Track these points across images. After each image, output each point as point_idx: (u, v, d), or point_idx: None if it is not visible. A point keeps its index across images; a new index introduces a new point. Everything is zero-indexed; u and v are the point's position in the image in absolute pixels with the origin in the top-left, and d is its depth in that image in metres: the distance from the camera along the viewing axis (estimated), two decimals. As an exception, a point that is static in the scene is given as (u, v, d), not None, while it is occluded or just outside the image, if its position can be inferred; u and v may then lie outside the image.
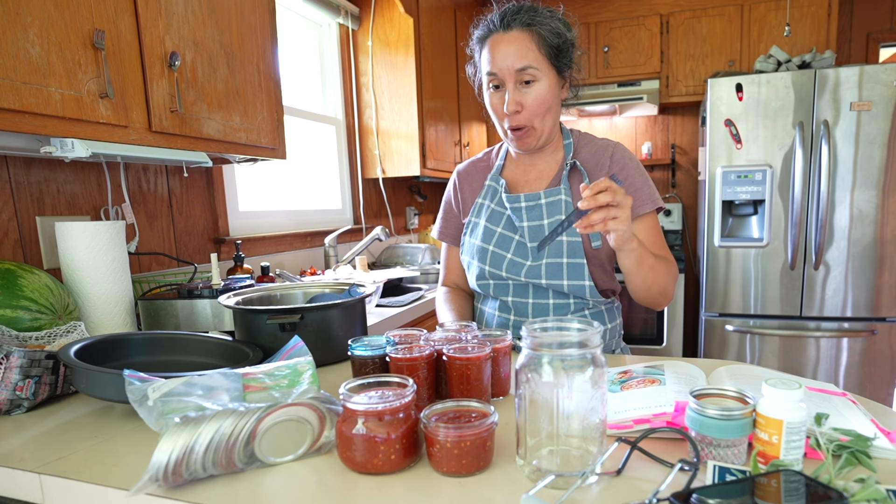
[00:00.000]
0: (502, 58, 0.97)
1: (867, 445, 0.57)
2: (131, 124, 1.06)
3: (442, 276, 1.27)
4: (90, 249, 1.07)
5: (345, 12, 2.36)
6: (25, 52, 0.87)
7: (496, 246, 1.08)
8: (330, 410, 0.65)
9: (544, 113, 1.00)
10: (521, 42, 0.96)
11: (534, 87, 0.98)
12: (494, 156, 1.18)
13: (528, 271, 1.04)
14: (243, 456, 0.60)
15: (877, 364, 2.42)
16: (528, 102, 0.98)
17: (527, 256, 1.05)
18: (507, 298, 1.08)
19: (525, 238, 1.06)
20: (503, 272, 1.06)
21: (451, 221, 1.22)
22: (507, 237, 1.08)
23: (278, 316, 0.93)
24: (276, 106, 1.48)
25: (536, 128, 1.02)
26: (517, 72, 0.97)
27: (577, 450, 0.57)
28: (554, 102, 1.01)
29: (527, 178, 1.11)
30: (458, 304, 1.18)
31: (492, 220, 1.10)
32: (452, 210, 1.21)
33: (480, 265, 1.09)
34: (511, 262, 1.06)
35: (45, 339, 0.94)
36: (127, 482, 0.59)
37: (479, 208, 1.13)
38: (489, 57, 0.99)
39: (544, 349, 0.55)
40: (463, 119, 2.99)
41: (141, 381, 0.64)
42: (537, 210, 1.05)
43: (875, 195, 2.32)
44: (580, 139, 1.10)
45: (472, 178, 1.18)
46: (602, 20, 3.12)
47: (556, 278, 1.02)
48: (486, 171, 1.17)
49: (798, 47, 2.80)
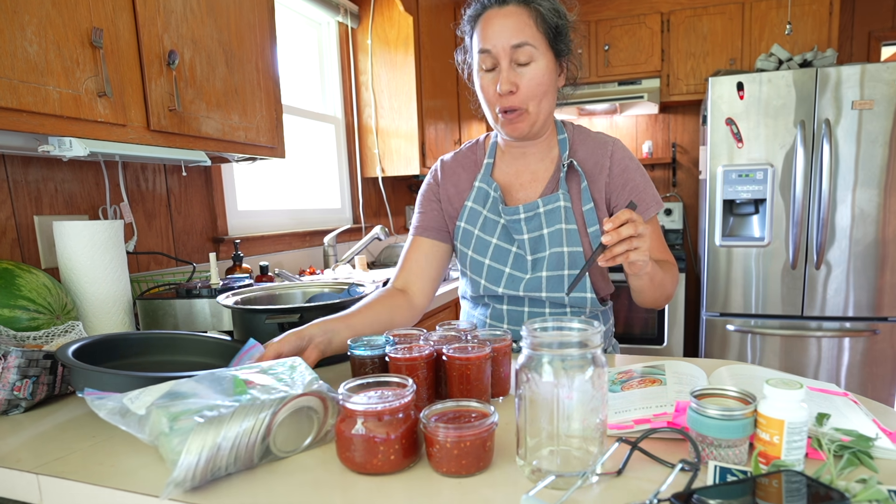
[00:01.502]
0: (497, 34, 0.90)
1: (869, 446, 0.57)
2: (129, 123, 1.06)
3: (396, 273, 1.07)
4: (88, 249, 1.07)
5: (344, 10, 2.35)
6: (23, 50, 0.87)
7: (493, 259, 1.02)
8: (333, 398, 0.66)
9: (540, 97, 0.93)
10: (518, 17, 0.90)
11: (530, 67, 0.91)
12: (481, 150, 1.09)
13: (526, 285, 0.99)
14: (259, 450, 0.60)
15: (878, 364, 2.41)
16: (523, 83, 0.91)
17: (525, 270, 1.00)
18: (502, 307, 1.04)
19: (525, 251, 1.00)
20: (500, 289, 1.01)
21: (432, 215, 1.08)
22: (503, 249, 1.02)
23: (277, 315, 0.93)
24: (275, 105, 1.48)
25: (531, 112, 0.94)
26: (513, 48, 0.89)
27: (577, 450, 0.56)
28: (550, 87, 0.94)
29: (520, 180, 1.04)
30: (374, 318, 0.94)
31: (486, 230, 1.03)
32: (433, 203, 1.08)
33: (475, 278, 1.04)
34: (510, 277, 1.01)
35: (43, 338, 0.93)
36: (125, 483, 0.58)
37: (468, 213, 1.04)
38: (483, 33, 0.91)
39: (544, 349, 0.55)
40: (463, 118, 2.99)
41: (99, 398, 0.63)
42: (536, 220, 0.99)
43: (877, 194, 2.31)
44: (575, 134, 1.04)
45: (457, 175, 1.08)
46: (602, 18, 3.11)
47: (557, 291, 0.98)
48: (474, 168, 1.07)
49: (799, 46, 2.79)
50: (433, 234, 1.06)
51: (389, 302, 0.99)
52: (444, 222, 1.08)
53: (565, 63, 0.98)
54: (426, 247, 1.06)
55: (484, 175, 1.05)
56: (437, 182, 1.09)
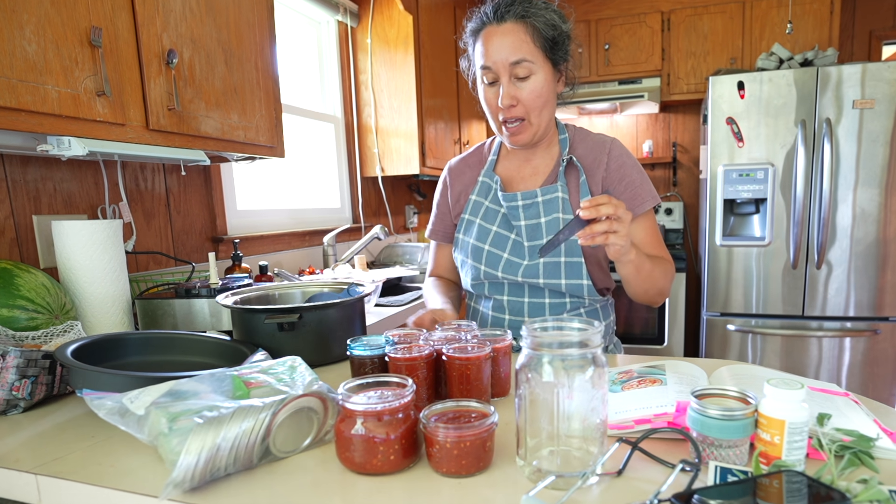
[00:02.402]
0: (496, 51, 0.95)
1: (870, 446, 0.56)
2: (128, 122, 1.06)
3: (430, 269, 1.26)
4: (87, 248, 1.07)
5: (344, 9, 2.35)
6: (22, 49, 0.87)
7: (492, 245, 1.06)
8: (333, 398, 0.66)
9: (540, 107, 0.99)
10: (516, 34, 0.94)
11: (529, 81, 0.96)
12: (487, 150, 1.16)
13: (524, 271, 1.03)
14: (259, 451, 0.60)
15: (879, 364, 2.41)
16: (523, 97, 0.97)
17: (523, 256, 1.04)
18: (503, 298, 1.07)
19: (522, 237, 1.04)
20: (499, 273, 1.05)
21: (443, 220, 1.19)
22: (503, 236, 1.06)
23: (276, 315, 0.93)
24: (275, 104, 1.47)
25: (532, 123, 1.00)
26: (511, 65, 0.95)
27: (577, 450, 0.56)
28: (549, 96, 0.99)
29: (521, 174, 1.09)
30: (446, 289, 1.16)
31: (486, 219, 1.08)
32: (443, 209, 1.19)
33: (475, 264, 1.08)
34: (507, 262, 1.04)
35: (42, 338, 0.93)
36: (124, 483, 0.58)
37: (472, 205, 1.11)
38: (483, 50, 0.97)
39: (544, 349, 0.55)
40: (462, 117, 2.98)
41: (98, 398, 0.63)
42: (534, 208, 1.03)
43: (878, 194, 2.31)
44: (576, 134, 1.09)
45: (464, 174, 1.16)
46: (603, 17, 3.11)
47: (554, 278, 1.01)
48: (479, 166, 1.15)
49: (800, 45, 2.79)
50: (442, 238, 1.21)
51: (450, 284, 1.21)
52: (451, 224, 1.19)
53: (564, 69, 1.02)
54: (445, 247, 1.23)
55: (487, 170, 1.12)
56: (446, 187, 1.19)
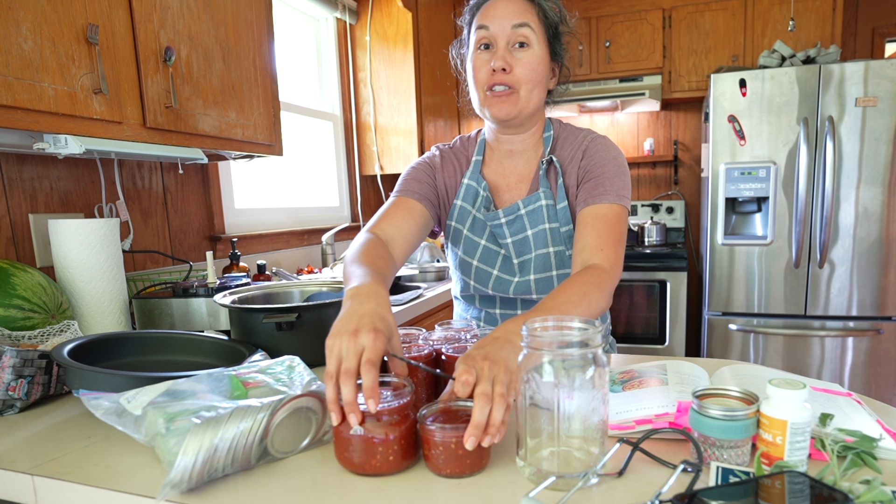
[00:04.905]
0: (499, 13, 0.90)
1: (872, 446, 0.56)
2: (125, 120, 1.05)
3: (372, 223, 0.95)
4: (84, 247, 1.06)
5: (342, 7, 2.34)
6: (18, 46, 0.86)
7: (480, 261, 1.02)
8: None
9: (533, 83, 0.92)
10: (521, 3, 0.91)
11: (527, 52, 0.90)
12: (472, 145, 1.06)
13: (516, 288, 1.00)
14: (257, 452, 0.59)
15: (882, 364, 2.40)
16: (517, 65, 0.90)
17: (514, 273, 1.00)
18: (495, 311, 1.05)
19: (511, 254, 1.00)
20: (489, 290, 1.02)
21: (425, 183, 1.01)
22: (491, 251, 1.02)
23: (275, 315, 0.92)
24: (273, 102, 1.47)
25: (521, 95, 0.91)
26: (513, 28, 0.89)
27: (578, 451, 0.56)
28: (543, 79, 0.93)
29: (507, 181, 1.03)
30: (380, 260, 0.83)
31: (474, 230, 1.03)
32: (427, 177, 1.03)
33: (464, 279, 1.05)
34: (498, 280, 1.01)
35: (38, 338, 0.93)
36: (121, 484, 0.58)
37: (458, 211, 1.03)
38: (483, 14, 0.92)
39: (545, 349, 0.54)
40: (462, 115, 2.98)
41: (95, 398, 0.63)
42: (519, 222, 0.99)
43: (881, 192, 2.30)
44: (560, 131, 1.02)
45: (453, 165, 1.05)
46: (603, 14, 3.10)
47: (548, 292, 0.96)
48: (465, 162, 1.05)
49: (802, 42, 2.77)
50: (422, 200, 0.99)
51: (385, 256, 0.86)
52: (435, 196, 1.03)
53: (558, 68, 0.99)
54: (413, 208, 0.97)
55: (473, 172, 1.03)
56: (435, 166, 1.05)
